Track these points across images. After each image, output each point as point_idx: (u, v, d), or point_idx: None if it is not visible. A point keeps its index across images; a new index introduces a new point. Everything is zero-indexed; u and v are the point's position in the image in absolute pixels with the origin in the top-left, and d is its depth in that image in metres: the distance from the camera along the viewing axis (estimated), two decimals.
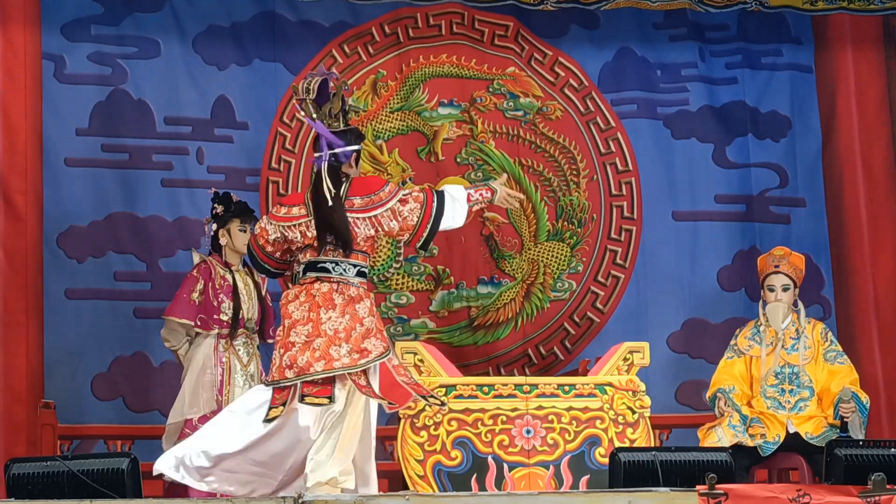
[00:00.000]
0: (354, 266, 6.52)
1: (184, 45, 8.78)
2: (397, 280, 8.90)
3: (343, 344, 6.38)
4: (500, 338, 8.97)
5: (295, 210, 6.59)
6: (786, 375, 7.76)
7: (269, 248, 6.68)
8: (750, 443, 7.50)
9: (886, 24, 9.25)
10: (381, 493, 6.68)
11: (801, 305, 7.89)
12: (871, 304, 9.12)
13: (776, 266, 7.88)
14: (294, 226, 6.56)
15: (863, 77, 9.27)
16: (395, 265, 8.91)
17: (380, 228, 6.54)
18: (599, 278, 9.09)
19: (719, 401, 7.71)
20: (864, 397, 7.64)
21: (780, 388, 7.72)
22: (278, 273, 6.83)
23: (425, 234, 6.61)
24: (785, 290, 7.85)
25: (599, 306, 9.06)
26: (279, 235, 6.60)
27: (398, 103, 9.03)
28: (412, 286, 8.91)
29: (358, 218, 6.52)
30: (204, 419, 7.47)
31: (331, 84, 6.61)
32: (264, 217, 6.75)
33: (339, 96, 6.61)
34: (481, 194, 6.70)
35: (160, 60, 8.74)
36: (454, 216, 6.66)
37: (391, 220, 6.54)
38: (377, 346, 6.42)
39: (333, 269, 6.50)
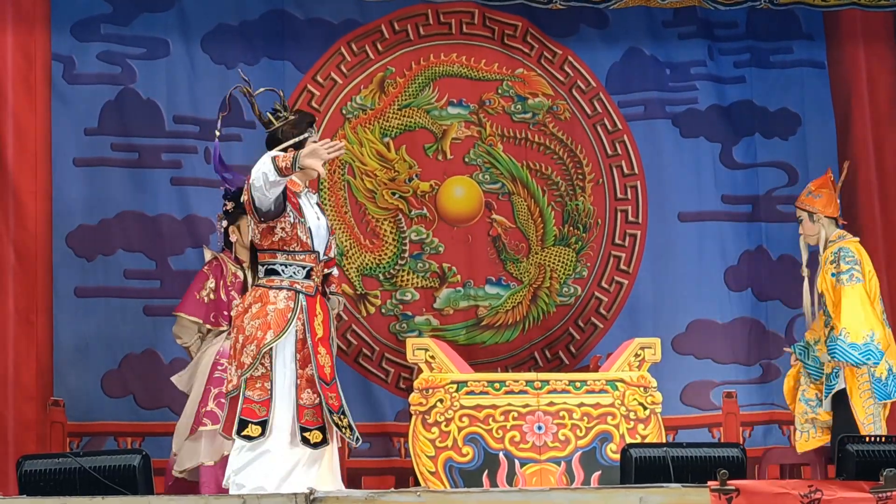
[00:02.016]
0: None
1: (192, 44, 8.79)
2: (402, 276, 8.91)
3: None
4: (507, 340, 8.97)
5: None
6: (822, 303, 7.72)
7: None
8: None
9: None
10: (393, 489, 6.68)
11: (823, 232, 7.80)
12: (885, 301, 9.09)
13: (797, 204, 7.91)
14: None
15: (874, 73, 9.25)
16: (400, 262, 8.92)
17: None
18: (603, 284, 9.09)
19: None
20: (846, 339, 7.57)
21: (826, 320, 7.70)
22: None
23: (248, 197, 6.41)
24: (800, 222, 7.85)
25: (603, 312, 9.06)
26: None
27: (407, 100, 9.03)
28: (417, 283, 8.92)
29: None
30: (210, 414, 7.49)
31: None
32: None
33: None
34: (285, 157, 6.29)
35: (169, 60, 8.75)
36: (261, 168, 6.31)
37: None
38: None
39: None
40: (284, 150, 6.46)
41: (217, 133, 6.86)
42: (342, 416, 6.36)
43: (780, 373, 9.01)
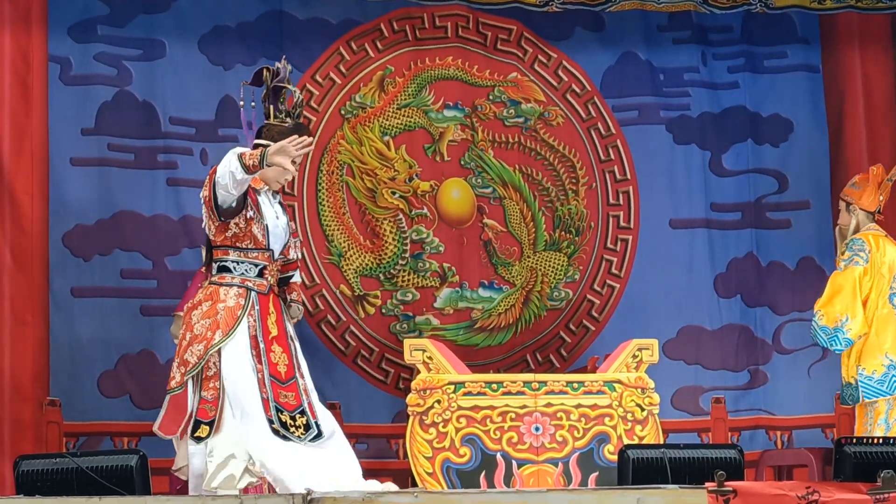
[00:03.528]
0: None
1: (189, 45, 8.77)
2: (403, 276, 8.91)
3: None
4: (500, 343, 8.98)
5: None
6: None
7: None
8: None
9: (894, 22, 9.26)
10: (390, 490, 6.67)
11: (853, 223, 7.77)
12: None
13: (840, 195, 7.89)
14: None
15: (870, 76, 9.25)
16: (401, 261, 8.92)
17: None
18: (595, 287, 9.10)
19: None
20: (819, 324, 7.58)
21: None
22: None
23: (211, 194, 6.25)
24: (840, 213, 7.84)
25: (595, 314, 9.07)
26: None
27: (406, 100, 9.03)
28: (418, 283, 8.92)
29: None
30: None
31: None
32: None
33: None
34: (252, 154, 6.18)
35: (166, 61, 8.73)
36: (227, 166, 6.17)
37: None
38: None
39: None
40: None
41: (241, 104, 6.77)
42: (299, 415, 6.33)
43: (768, 378, 9.05)
